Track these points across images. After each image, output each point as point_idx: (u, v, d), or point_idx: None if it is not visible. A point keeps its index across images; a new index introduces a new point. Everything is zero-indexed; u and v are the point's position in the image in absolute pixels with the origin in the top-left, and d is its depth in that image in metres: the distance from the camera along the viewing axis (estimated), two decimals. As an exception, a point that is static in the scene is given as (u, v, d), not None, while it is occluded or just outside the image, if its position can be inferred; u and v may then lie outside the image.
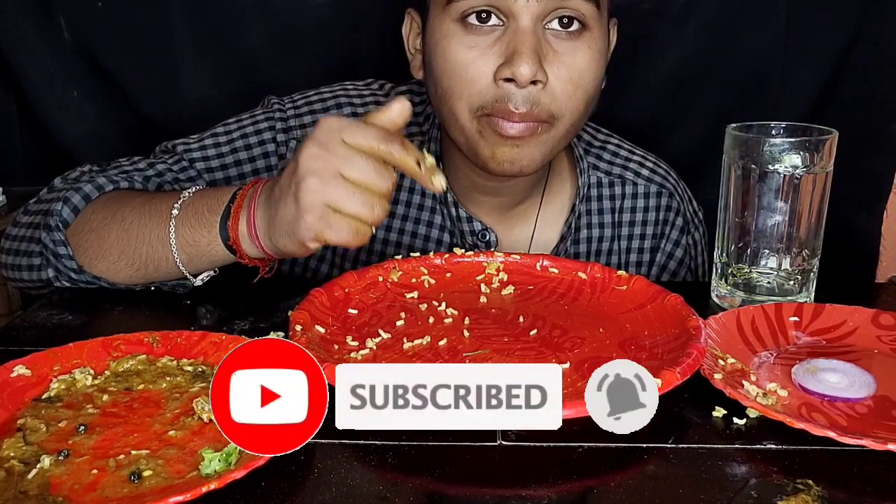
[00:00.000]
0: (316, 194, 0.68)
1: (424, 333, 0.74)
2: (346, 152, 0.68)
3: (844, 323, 0.78)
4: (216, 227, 0.78)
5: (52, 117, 1.35)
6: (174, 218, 0.80)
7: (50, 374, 0.66)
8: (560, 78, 0.85)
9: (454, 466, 0.57)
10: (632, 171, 1.07)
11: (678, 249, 1.09)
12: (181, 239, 0.80)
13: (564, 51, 0.85)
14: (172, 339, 0.71)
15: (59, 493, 0.53)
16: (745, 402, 0.62)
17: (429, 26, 0.89)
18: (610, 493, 0.55)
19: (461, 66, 0.85)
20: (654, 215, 1.07)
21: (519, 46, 0.82)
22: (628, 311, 0.80)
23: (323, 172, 0.68)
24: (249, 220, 0.76)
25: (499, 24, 0.84)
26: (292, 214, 0.70)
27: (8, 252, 0.91)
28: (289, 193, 0.70)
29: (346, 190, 0.68)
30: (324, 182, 0.68)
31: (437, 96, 0.89)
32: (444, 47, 0.86)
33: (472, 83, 0.85)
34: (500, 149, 0.87)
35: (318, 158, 0.68)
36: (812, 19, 1.30)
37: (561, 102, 0.86)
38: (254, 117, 1.01)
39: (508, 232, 1.03)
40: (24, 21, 1.29)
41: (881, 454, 0.58)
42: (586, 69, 0.86)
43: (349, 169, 0.68)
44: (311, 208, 0.68)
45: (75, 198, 0.86)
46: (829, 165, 0.81)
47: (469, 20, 0.84)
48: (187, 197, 0.81)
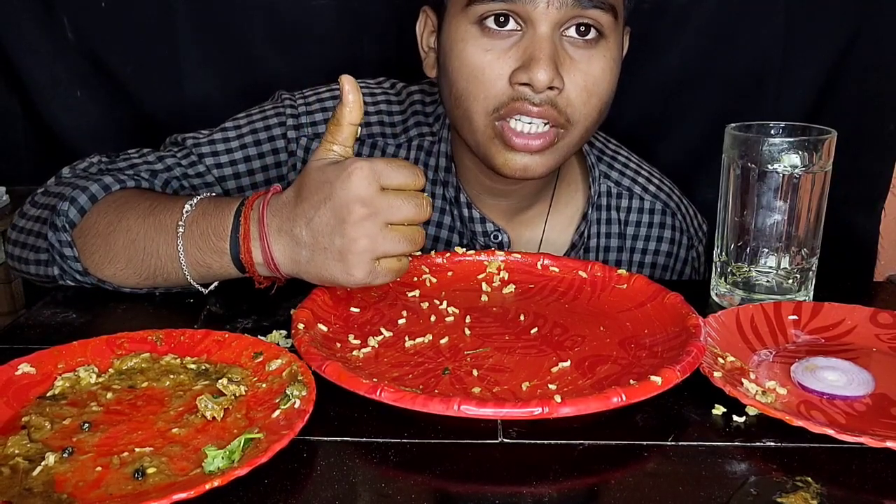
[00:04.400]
0: (367, 254, 0.69)
1: (426, 332, 0.75)
2: (388, 201, 0.69)
3: (843, 321, 0.78)
4: (227, 254, 0.76)
5: (56, 117, 1.35)
6: (181, 237, 0.78)
7: (54, 371, 0.67)
8: (576, 85, 0.85)
9: (456, 464, 0.57)
10: (640, 186, 1.08)
11: (686, 267, 1.10)
12: (191, 259, 0.78)
13: (581, 58, 0.85)
14: (176, 338, 0.72)
15: (63, 490, 0.53)
16: (745, 399, 0.63)
17: (445, 27, 0.89)
18: (610, 490, 0.55)
19: (477, 69, 0.85)
20: (658, 232, 1.08)
21: (537, 52, 0.82)
22: (628, 309, 0.80)
23: (372, 230, 0.69)
24: (265, 252, 0.74)
25: (516, 29, 0.84)
26: (338, 269, 0.70)
27: (15, 244, 0.91)
28: (332, 250, 0.70)
29: (393, 238, 0.70)
30: (374, 241, 0.69)
31: (451, 97, 0.89)
32: (461, 49, 0.86)
33: (488, 85, 0.85)
34: (513, 156, 0.87)
35: (367, 219, 0.69)
36: (811, 20, 1.30)
37: (576, 108, 0.86)
38: (263, 112, 1.01)
39: (518, 236, 1.03)
40: (28, 21, 1.30)
41: (879, 451, 0.58)
42: (601, 77, 0.86)
43: (395, 215, 0.70)
44: (361, 265, 0.70)
45: (82, 198, 0.85)
46: (828, 165, 0.81)
47: (487, 23, 0.84)
48: (189, 212, 0.79)
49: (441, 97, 0.95)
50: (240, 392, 0.63)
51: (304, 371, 0.64)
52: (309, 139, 0.99)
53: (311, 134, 0.99)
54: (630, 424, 0.62)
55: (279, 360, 0.67)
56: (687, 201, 1.12)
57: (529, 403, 0.59)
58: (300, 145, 0.99)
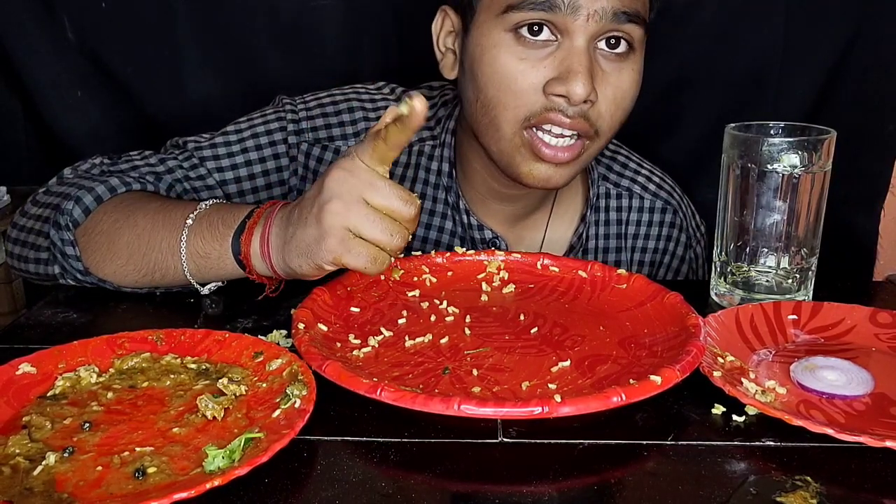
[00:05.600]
0: (339, 217, 0.69)
1: (426, 331, 0.75)
2: (370, 178, 0.69)
3: (842, 321, 0.78)
4: (228, 240, 0.78)
5: (57, 117, 1.35)
6: (187, 228, 0.79)
7: (55, 371, 0.67)
8: (606, 98, 0.85)
9: (456, 463, 0.57)
10: (639, 185, 1.08)
11: (683, 265, 1.10)
12: (192, 249, 0.79)
13: (612, 71, 0.85)
14: (176, 337, 0.72)
15: (64, 489, 0.53)
16: (744, 399, 0.63)
17: (474, 31, 0.87)
18: (610, 489, 0.55)
19: (510, 77, 0.84)
20: (658, 230, 1.08)
21: (575, 66, 0.82)
22: (628, 309, 0.80)
23: (347, 196, 0.69)
24: (263, 237, 0.76)
25: (552, 40, 0.84)
26: (313, 236, 0.70)
27: (15, 242, 0.91)
28: (311, 215, 0.70)
29: (367, 215, 0.69)
30: (347, 206, 0.69)
31: (478, 104, 0.88)
32: (494, 56, 0.85)
33: (521, 94, 0.84)
34: (539, 166, 0.87)
35: (344, 182, 0.69)
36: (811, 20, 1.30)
37: (605, 121, 0.86)
38: (265, 116, 1.01)
39: (519, 240, 1.04)
40: (29, 21, 1.30)
41: (878, 451, 0.58)
42: (629, 90, 0.87)
43: (373, 194, 0.69)
44: (333, 231, 0.69)
45: (87, 198, 0.85)
46: (828, 165, 0.81)
47: (521, 31, 0.83)
48: (203, 209, 0.81)
49: (462, 102, 0.94)
50: (240, 392, 0.64)
51: (305, 371, 0.64)
52: (310, 145, 0.99)
53: (311, 140, 1.00)
54: (630, 424, 0.62)
55: (279, 360, 0.67)
56: (687, 201, 1.12)
57: (529, 403, 0.59)
58: (301, 150, 0.99)
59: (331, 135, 1.00)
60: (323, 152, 0.99)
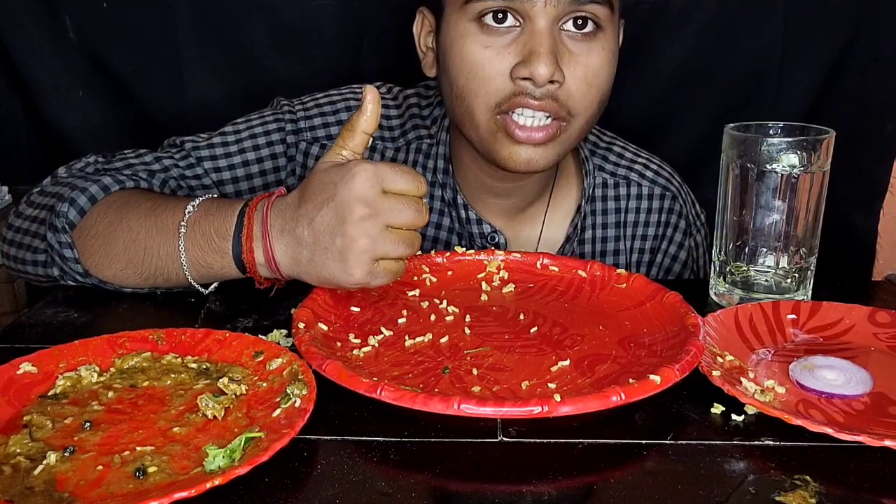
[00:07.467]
0: (366, 254, 0.70)
1: (426, 331, 0.75)
2: (390, 204, 0.70)
3: (841, 320, 0.78)
4: (229, 254, 0.77)
5: (58, 117, 1.35)
6: (182, 237, 0.79)
7: (56, 371, 0.67)
8: (576, 77, 0.86)
9: (456, 462, 0.57)
10: (636, 173, 1.08)
11: (682, 252, 1.10)
12: (192, 259, 0.79)
13: (579, 51, 0.86)
14: (177, 337, 0.72)
15: (64, 489, 0.53)
16: (744, 398, 0.63)
17: (444, 26, 0.90)
18: (609, 489, 0.55)
19: (477, 65, 0.86)
20: (657, 217, 1.08)
21: (536, 47, 0.83)
22: (628, 308, 0.80)
23: (372, 231, 0.70)
24: (266, 252, 0.75)
25: (515, 25, 0.85)
26: (337, 269, 0.71)
27: (11, 243, 0.91)
28: (332, 249, 0.71)
29: (392, 240, 0.71)
30: (374, 241, 0.70)
31: (452, 95, 0.90)
32: (461, 46, 0.87)
33: (489, 81, 0.86)
34: (517, 149, 0.88)
35: (368, 219, 0.70)
36: (810, 20, 1.30)
37: (576, 101, 0.87)
38: (262, 117, 1.01)
39: (517, 234, 1.04)
40: (30, 21, 1.30)
41: (877, 450, 0.58)
42: (601, 69, 0.87)
43: (395, 218, 0.71)
44: (360, 265, 0.71)
45: (81, 199, 0.85)
46: (827, 165, 0.81)
47: (485, 20, 0.85)
48: (192, 213, 0.79)
49: (441, 96, 0.96)
50: (240, 391, 0.64)
51: (305, 370, 0.64)
52: (308, 144, 1.00)
53: (309, 139, 1.00)
54: (629, 423, 0.62)
55: (280, 360, 0.67)
56: (686, 189, 1.12)
57: (529, 402, 0.59)
58: (299, 150, 1.00)
59: (329, 133, 1.00)
60: (321, 151, 1.00)
